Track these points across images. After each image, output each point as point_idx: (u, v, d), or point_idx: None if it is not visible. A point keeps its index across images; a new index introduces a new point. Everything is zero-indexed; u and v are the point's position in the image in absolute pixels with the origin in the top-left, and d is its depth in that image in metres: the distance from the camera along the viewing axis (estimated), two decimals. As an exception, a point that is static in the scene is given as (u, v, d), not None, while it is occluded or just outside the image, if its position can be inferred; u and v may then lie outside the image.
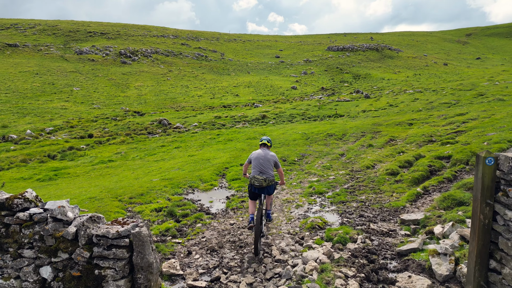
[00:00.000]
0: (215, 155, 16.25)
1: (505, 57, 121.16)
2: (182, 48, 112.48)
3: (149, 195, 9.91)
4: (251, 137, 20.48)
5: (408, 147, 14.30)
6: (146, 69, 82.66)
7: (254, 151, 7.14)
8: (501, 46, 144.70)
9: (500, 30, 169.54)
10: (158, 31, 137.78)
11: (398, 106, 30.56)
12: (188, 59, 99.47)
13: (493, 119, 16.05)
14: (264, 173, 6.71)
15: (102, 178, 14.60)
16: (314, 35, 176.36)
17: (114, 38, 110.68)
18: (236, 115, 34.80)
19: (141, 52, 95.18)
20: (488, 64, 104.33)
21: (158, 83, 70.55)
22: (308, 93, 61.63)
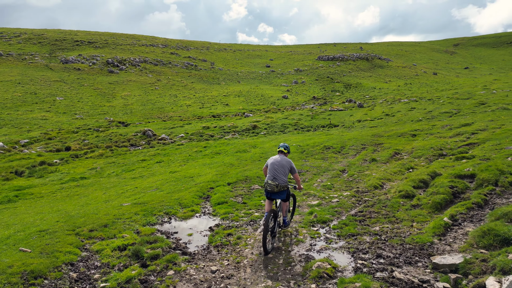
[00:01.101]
0: (200, 171, 14.46)
1: (493, 67, 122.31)
2: (171, 57, 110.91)
3: (115, 227, 8.07)
4: (240, 150, 18.75)
5: (417, 162, 12.72)
6: (134, 78, 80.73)
7: (271, 157, 7.36)
8: (488, 56, 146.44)
9: (487, 41, 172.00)
10: (147, 40, 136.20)
11: (395, 115, 29.21)
12: (178, 68, 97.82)
13: (505, 129, 14.62)
14: (277, 179, 6.90)
15: (69, 200, 12.68)
16: (304, 45, 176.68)
17: (102, 47, 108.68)
18: (226, 125, 33.09)
19: (129, 61, 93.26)
20: (476, 74, 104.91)
21: (145, 93, 68.62)
22: (299, 102, 60.29)
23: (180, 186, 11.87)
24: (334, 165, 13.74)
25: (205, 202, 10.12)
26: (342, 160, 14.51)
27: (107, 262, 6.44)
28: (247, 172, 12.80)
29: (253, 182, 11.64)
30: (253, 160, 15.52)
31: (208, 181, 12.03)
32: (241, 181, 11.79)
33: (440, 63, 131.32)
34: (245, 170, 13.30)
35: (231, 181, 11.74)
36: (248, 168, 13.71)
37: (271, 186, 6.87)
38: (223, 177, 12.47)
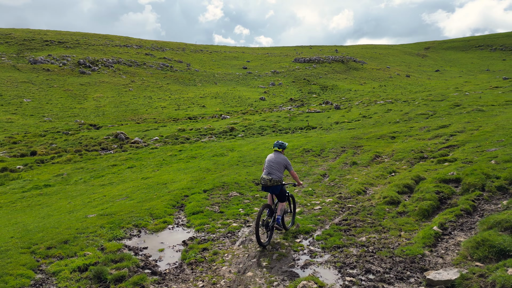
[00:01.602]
0: (174, 177, 13.67)
1: (462, 70, 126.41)
2: (146, 58, 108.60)
3: (76, 242, 7.25)
4: (217, 154, 18.05)
5: (399, 165, 12.43)
6: (107, 80, 78.39)
7: (269, 154, 7.63)
8: (457, 59, 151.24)
9: (456, 44, 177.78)
10: (121, 40, 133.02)
11: (372, 117, 29.24)
12: (153, 69, 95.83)
13: (483, 131, 14.61)
14: (271, 174, 7.15)
15: (29, 210, 11.64)
16: (281, 47, 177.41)
17: (73, 47, 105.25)
18: (202, 128, 32.25)
19: (102, 62, 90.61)
20: (447, 76, 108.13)
21: (119, 94, 66.63)
22: (277, 104, 60.05)
23: (152, 194, 11.08)
24: (315, 169, 13.28)
25: (179, 212, 9.39)
26: (322, 164, 14.07)
27: (64, 287, 5.64)
28: (224, 178, 12.14)
29: (231, 189, 10.99)
30: (230, 165, 14.87)
31: (183, 188, 11.30)
32: (218, 187, 11.12)
33: (413, 65, 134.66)
34: (222, 176, 12.63)
35: (207, 188, 11.05)
36: (226, 174, 13.05)
37: (265, 180, 7.14)
38: (199, 184, 11.77)
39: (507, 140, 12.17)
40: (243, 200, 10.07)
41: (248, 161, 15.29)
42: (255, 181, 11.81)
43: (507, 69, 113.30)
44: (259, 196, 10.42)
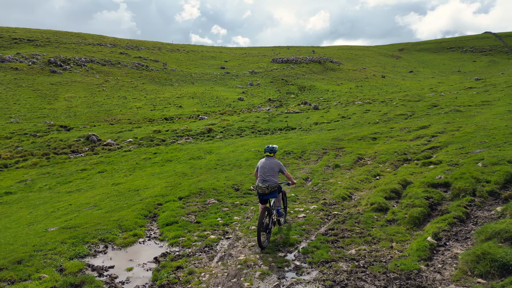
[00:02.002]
0: (147, 182, 12.81)
1: (435, 71, 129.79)
2: (120, 57, 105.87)
3: (32, 262, 6.37)
4: (195, 157, 17.24)
5: (383, 168, 12.05)
6: (79, 79, 75.77)
7: (260, 160, 7.52)
8: (430, 60, 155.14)
9: (429, 46, 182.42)
10: (94, 39, 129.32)
11: (351, 118, 29.08)
12: (127, 68, 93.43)
13: (464, 132, 14.47)
14: (267, 181, 7.12)
15: (-16, 222, 10.52)
16: (259, 47, 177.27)
17: (44, 45, 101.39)
18: (179, 129, 31.24)
19: (74, 60, 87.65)
20: (420, 77, 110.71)
21: (92, 94, 64.38)
22: (255, 104, 59.50)
23: (123, 203, 10.21)
24: (296, 172, 12.72)
25: (151, 223, 8.59)
26: (304, 167, 13.54)
27: (12, 320, 4.81)
28: (201, 184, 11.39)
29: (208, 195, 10.27)
30: (208, 169, 14.12)
31: (156, 195, 10.48)
32: (194, 194, 10.37)
33: (387, 66, 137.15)
34: (199, 181, 11.88)
35: (183, 195, 10.28)
36: (203, 179, 12.30)
37: (262, 189, 7.10)
38: (174, 190, 10.97)
39: (490, 141, 12.00)
40: (221, 208, 9.37)
41: (227, 164, 14.59)
42: (235, 186, 11.13)
43: (477, 70, 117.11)
44: (238, 203, 9.75)
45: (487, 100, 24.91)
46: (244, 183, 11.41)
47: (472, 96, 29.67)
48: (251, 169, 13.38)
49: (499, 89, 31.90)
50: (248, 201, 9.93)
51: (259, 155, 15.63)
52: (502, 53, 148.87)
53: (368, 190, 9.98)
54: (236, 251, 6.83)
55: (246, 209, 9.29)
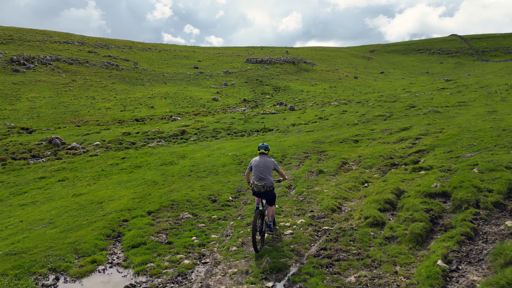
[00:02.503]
0: (112, 193, 11.49)
1: (404, 72, 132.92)
2: (89, 56, 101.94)
3: (-43, 307, 5.06)
4: (166, 162, 15.96)
5: (370, 174, 11.29)
6: (44, 78, 72.08)
7: (254, 158, 7.38)
8: (400, 61, 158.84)
9: (398, 48, 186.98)
10: (61, 37, 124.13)
11: (328, 119, 28.52)
12: (96, 67, 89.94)
13: (448, 134, 13.99)
14: (263, 179, 7.01)
15: None
16: (232, 47, 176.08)
17: (6, 43, 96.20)
18: (150, 131, 29.67)
19: (38, 59, 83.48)
20: (391, 78, 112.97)
21: (57, 94, 61.20)
22: (230, 105, 58.32)
23: (82, 219, 8.90)
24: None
25: (114, 245, 7.38)
26: (285, 173, 12.61)
27: None
28: (174, 194, 10.22)
29: (182, 209, 9.13)
30: (181, 176, 12.93)
31: (122, 209, 9.23)
32: (165, 207, 9.20)
33: (359, 67, 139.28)
34: (171, 191, 10.70)
35: (152, 209, 9.08)
36: (176, 188, 11.12)
37: (258, 187, 7.02)
38: (142, 203, 9.75)
39: (479, 144, 11.50)
40: (197, 224, 8.27)
41: (202, 170, 13.44)
42: (211, 197, 10.03)
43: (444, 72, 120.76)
44: (216, 217, 8.67)
45: (463, 101, 24.96)
46: (221, 193, 10.33)
47: (446, 96, 29.83)
48: (229, 176, 12.31)
49: (472, 90, 32.32)
50: (227, 215, 8.87)
51: (237, 160, 14.57)
52: (467, 55, 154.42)
53: (358, 199, 9.15)
54: (215, 280, 5.77)
55: (225, 225, 8.23)
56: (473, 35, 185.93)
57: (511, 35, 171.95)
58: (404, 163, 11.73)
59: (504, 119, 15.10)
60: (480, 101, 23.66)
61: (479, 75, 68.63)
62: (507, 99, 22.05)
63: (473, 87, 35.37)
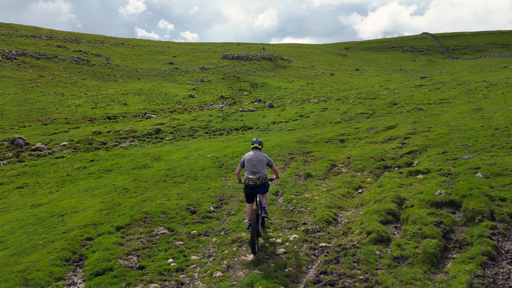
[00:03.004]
0: (77, 203, 10.17)
1: (379, 69, 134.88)
2: (58, 50, 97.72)
3: None
4: (139, 165, 14.65)
5: (362, 178, 10.47)
6: (9, 74, 68.28)
7: (246, 154, 7.30)
8: (374, 59, 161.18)
9: (373, 45, 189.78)
10: (28, 31, 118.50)
11: (309, 116, 27.79)
12: (66, 63, 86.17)
13: (438, 134, 13.41)
14: (256, 172, 6.88)
15: None
16: (208, 43, 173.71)
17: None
18: (122, 130, 28.04)
19: (3, 53, 79.22)
20: (366, 75, 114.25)
21: (23, 91, 57.93)
22: (207, 101, 56.86)
23: (39, 237, 7.61)
24: (263, 184, 10.77)
25: (74, 271, 6.18)
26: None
27: None
28: (147, 205, 9.04)
29: (156, 222, 7.98)
30: (156, 182, 11.72)
31: (86, 224, 7.98)
32: (137, 221, 8.03)
33: (335, 64, 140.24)
34: (144, 201, 9.50)
35: (122, 223, 7.89)
36: (149, 197, 9.93)
37: (253, 180, 6.80)
38: (111, 215, 8.52)
39: (475, 144, 10.90)
40: (174, 242, 7.16)
41: (179, 175, 12.27)
42: (190, 207, 8.91)
43: (417, 69, 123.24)
44: (196, 233, 7.58)
45: (444, 98, 24.77)
46: (201, 202, 9.23)
47: (426, 94, 29.71)
48: (209, 182, 11.21)
49: (451, 87, 32.39)
50: (209, 229, 7.79)
51: (217, 163, 13.45)
52: (438, 52, 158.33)
53: (354, 208, 8.28)
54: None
55: (207, 242, 7.16)
56: (443, 33, 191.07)
57: (480, 33, 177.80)
58: (397, 165, 10.99)
59: (493, 117, 14.70)
60: (462, 98, 23.51)
61: (453, 72, 70.03)
62: (489, 96, 21.94)
63: (450, 84, 35.56)
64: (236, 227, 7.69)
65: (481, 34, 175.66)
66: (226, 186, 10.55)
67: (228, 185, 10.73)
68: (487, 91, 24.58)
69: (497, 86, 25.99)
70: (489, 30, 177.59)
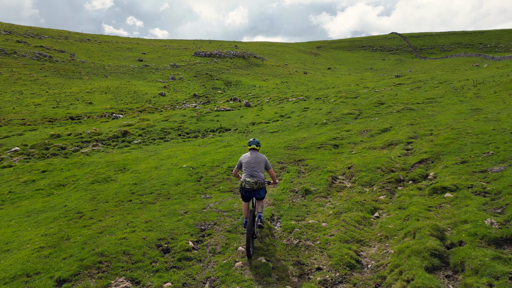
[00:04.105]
0: (12, 235, 7.75)
1: (350, 68, 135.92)
2: (17, 46, 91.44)
3: None
4: (100, 179, 12.21)
5: (374, 196, 8.66)
6: (-40, 70, 62.71)
7: (243, 154, 7.05)
8: (345, 58, 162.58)
9: (343, 44, 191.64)
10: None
11: (291, 117, 26.00)
12: (26, 59, 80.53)
13: (446, 138, 11.86)
14: (255, 176, 6.68)
15: None
16: (179, 40, 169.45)
17: None
18: (85, 132, 25.17)
19: (-46, 48, 72.93)
20: (338, 74, 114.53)
21: (-24, 88, 53.00)
22: (179, 100, 54.05)
23: None
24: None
25: None
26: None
27: None
28: (104, 241, 6.77)
29: (115, 270, 5.78)
30: (119, 202, 9.42)
31: (16, 275, 5.67)
32: (88, 269, 5.80)
33: (307, 63, 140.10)
34: (101, 233, 7.24)
35: (66, 274, 5.64)
36: (108, 226, 7.65)
37: (251, 184, 6.50)
38: (53, 258, 6.24)
39: (499, 152, 9.34)
40: (139, 305, 5.01)
41: (148, 192, 10.01)
42: (162, 243, 6.72)
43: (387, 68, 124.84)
44: (171, 286, 5.46)
45: (431, 97, 23.64)
46: (177, 235, 7.07)
47: (409, 92, 28.64)
48: (186, 202, 9.04)
49: (433, 86, 31.55)
50: (188, 279, 5.69)
51: (194, 175, 11.27)
52: (407, 52, 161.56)
53: (378, 243, 6.42)
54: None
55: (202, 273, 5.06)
56: (411, 33, 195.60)
57: (446, 34, 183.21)
58: (411, 178, 9.28)
59: (500, 118, 13.37)
60: (450, 98, 22.42)
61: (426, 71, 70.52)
62: (481, 96, 20.92)
63: (431, 82, 34.84)
64: (226, 275, 5.64)
65: (447, 34, 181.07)
66: (207, 208, 8.44)
67: (210, 206, 8.62)
68: (476, 90, 23.66)
69: (485, 85, 25.17)
70: (454, 31, 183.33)
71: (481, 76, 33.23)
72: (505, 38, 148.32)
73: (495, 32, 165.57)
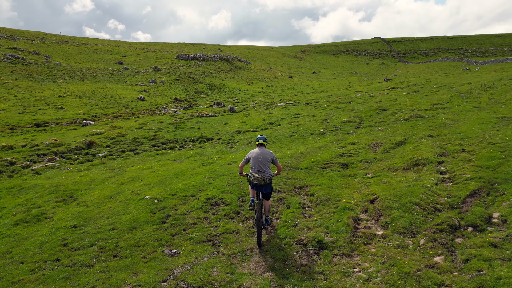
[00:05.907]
0: None
1: (335, 72, 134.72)
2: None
3: None
4: (31, 217, 8.89)
5: (425, 254, 5.72)
6: None
7: (250, 151, 7.21)
8: (329, 62, 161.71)
9: (328, 48, 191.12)
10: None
11: (281, 124, 23.08)
12: (-5, 61, 75.49)
13: (490, 157, 9.12)
14: (262, 172, 6.76)
15: None
16: (162, 43, 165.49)
17: None
18: (43, 143, 21.65)
19: None
20: (323, 78, 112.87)
21: None
22: (159, 105, 50.54)
23: None
24: (244, 278, 5.67)
25: None
26: (253, 247, 6.58)
27: None
28: None
29: None
30: (40, 263, 6.18)
31: None
32: None
33: (292, 67, 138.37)
34: None
35: None
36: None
37: (258, 179, 6.69)
38: None
39: None
40: None
41: (88, 244, 6.78)
42: None
43: (371, 72, 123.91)
44: None
45: (438, 103, 21.12)
46: None
47: (409, 97, 26.16)
48: (139, 265, 5.90)
49: (433, 90, 29.18)
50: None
51: (160, 213, 8.12)
52: (390, 56, 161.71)
53: None
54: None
55: None
56: (394, 38, 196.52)
57: (428, 38, 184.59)
58: (469, 223, 6.40)
59: (548, 131, 10.73)
60: (461, 103, 19.93)
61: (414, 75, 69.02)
62: (499, 101, 18.45)
63: (428, 86, 32.55)
64: None
65: (429, 39, 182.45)
66: (170, 280, 5.33)
67: (175, 274, 5.51)
68: (489, 94, 21.27)
69: (496, 89, 22.85)
70: (436, 36, 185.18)
71: (482, 80, 31.13)
72: (485, 43, 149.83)
73: (476, 37, 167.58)
